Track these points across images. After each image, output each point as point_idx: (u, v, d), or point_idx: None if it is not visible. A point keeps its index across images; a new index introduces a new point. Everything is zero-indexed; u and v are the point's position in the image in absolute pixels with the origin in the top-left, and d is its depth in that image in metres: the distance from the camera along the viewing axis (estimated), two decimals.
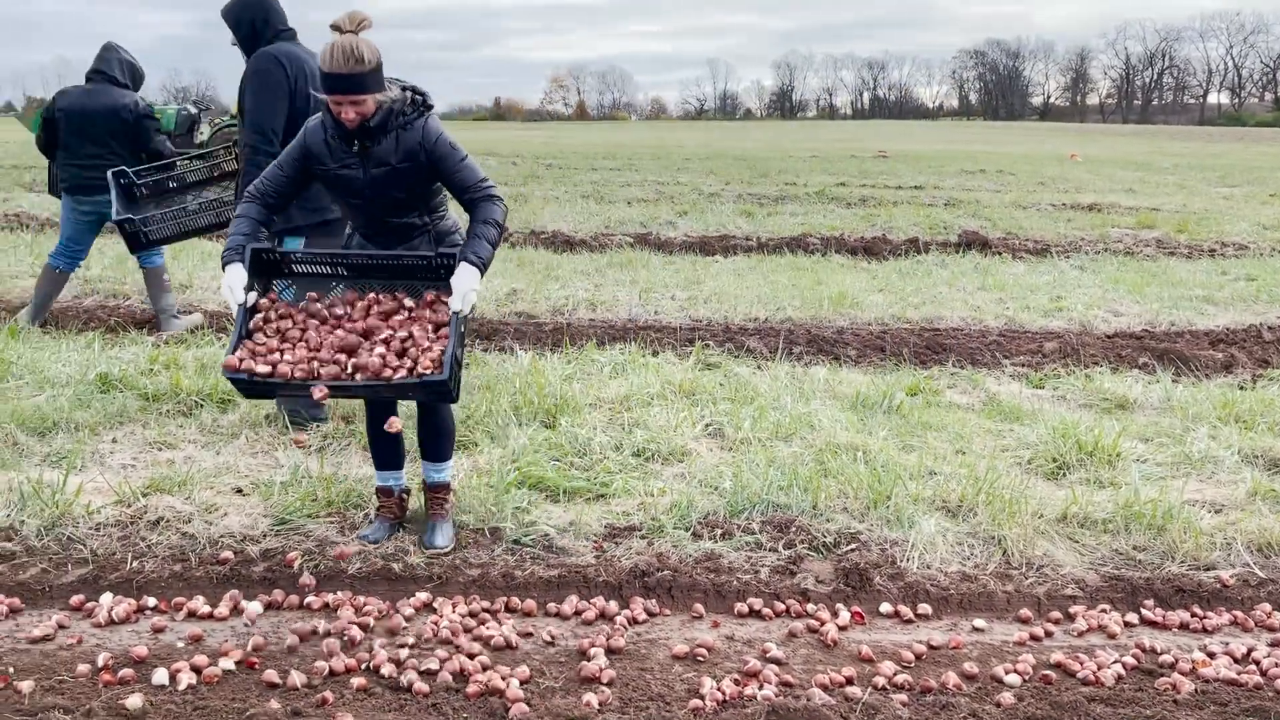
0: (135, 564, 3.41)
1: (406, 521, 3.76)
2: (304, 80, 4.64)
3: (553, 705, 2.68)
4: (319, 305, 3.44)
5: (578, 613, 3.25)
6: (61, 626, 3.05)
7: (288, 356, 3.26)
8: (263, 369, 3.22)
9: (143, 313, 7.12)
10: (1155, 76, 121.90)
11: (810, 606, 3.32)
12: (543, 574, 3.45)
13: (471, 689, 2.74)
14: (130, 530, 3.62)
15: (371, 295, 3.48)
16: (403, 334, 3.33)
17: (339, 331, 3.34)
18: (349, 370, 3.23)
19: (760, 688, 2.81)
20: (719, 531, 3.77)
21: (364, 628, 3.08)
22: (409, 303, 3.46)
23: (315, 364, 3.24)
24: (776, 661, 2.99)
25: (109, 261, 8.69)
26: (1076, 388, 5.77)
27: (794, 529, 3.75)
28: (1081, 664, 2.98)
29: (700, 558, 3.58)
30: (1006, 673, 2.93)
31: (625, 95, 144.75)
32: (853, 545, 3.68)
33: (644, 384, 5.46)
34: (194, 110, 18.31)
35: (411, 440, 3.88)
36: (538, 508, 3.94)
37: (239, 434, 4.62)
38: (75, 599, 3.19)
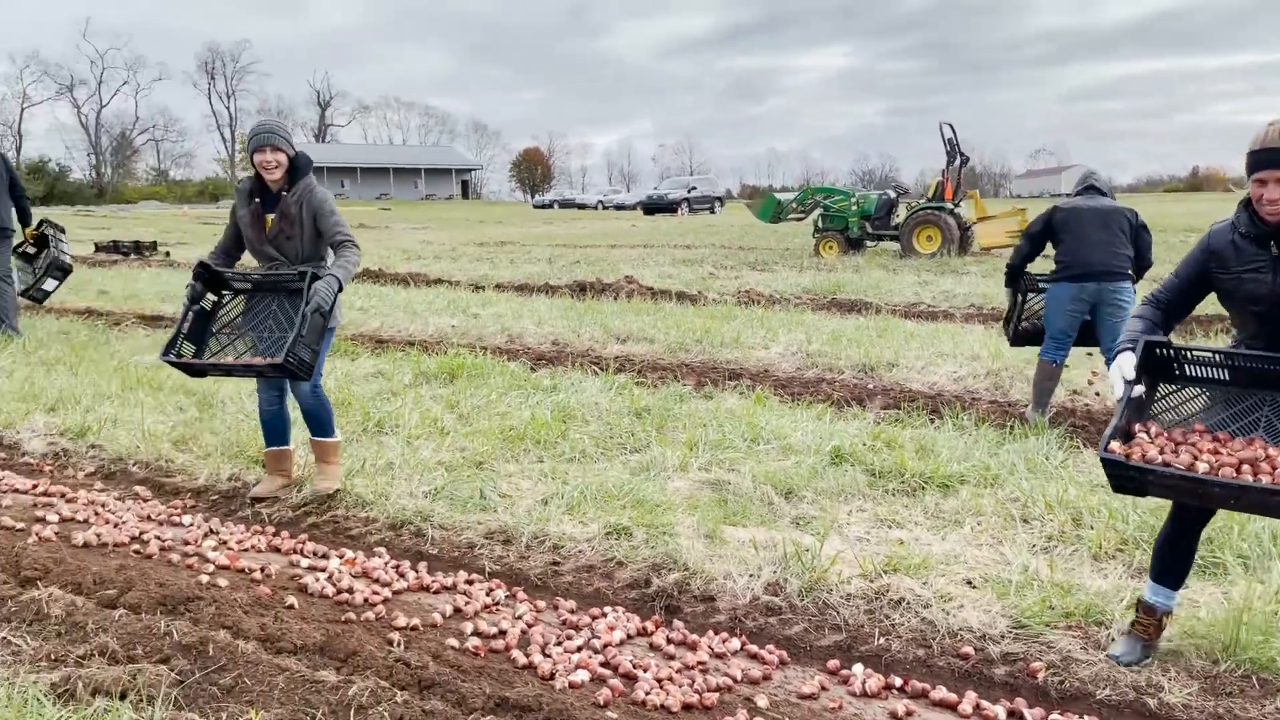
0: (882, 640, 3.62)
1: (1153, 651, 3.44)
2: None
3: None
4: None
5: None
6: (823, 688, 3.34)
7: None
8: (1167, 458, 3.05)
9: (858, 389, 7.68)
10: None
11: None
12: None
13: None
14: (874, 605, 3.86)
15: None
16: None
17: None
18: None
19: None
20: None
21: None
22: None
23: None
24: None
25: (826, 336, 9.59)
26: None
27: None
28: None
29: None
30: None
31: None
32: None
33: None
34: (893, 195, 19.57)
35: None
36: None
37: (963, 522, 4.69)
38: (831, 663, 3.48)
